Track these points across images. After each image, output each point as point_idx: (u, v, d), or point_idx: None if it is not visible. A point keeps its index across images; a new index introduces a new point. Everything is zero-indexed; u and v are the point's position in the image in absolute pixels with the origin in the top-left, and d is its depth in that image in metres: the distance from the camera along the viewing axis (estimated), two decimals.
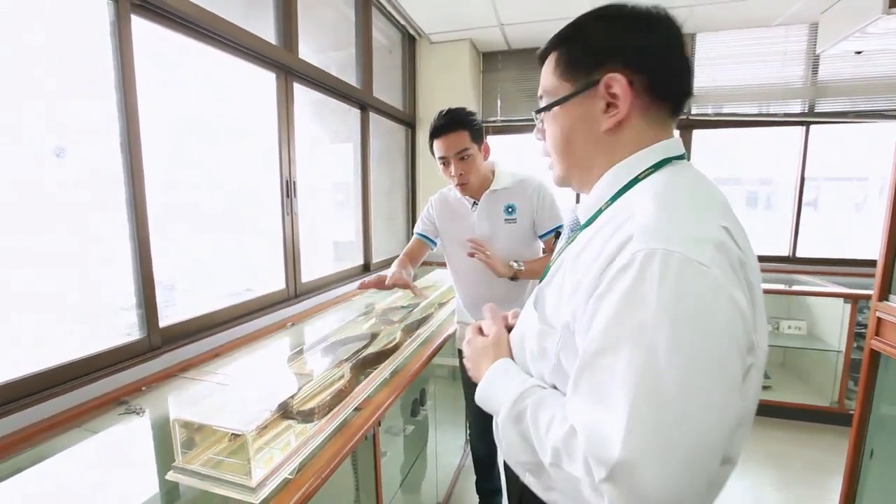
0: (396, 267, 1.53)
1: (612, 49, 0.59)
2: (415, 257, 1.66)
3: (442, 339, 1.77)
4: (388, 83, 2.95)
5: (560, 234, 0.91)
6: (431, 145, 1.48)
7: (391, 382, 1.34)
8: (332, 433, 1.03)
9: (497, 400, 0.63)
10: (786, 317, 2.90)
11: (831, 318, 2.65)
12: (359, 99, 2.49)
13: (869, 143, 3.14)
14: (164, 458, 0.94)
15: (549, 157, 0.70)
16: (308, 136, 2.12)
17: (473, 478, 1.91)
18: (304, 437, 0.98)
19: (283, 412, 1.02)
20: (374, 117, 2.70)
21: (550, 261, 0.70)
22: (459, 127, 1.41)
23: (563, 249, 0.67)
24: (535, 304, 0.67)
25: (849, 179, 3.52)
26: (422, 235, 1.68)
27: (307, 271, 2.08)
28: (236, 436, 0.91)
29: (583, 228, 0.64)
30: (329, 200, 2.55)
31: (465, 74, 3.18)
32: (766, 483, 2.15)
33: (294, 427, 1.01)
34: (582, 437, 0.49)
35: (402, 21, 2.91)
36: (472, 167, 1.45)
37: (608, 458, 0.46)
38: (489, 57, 3.41)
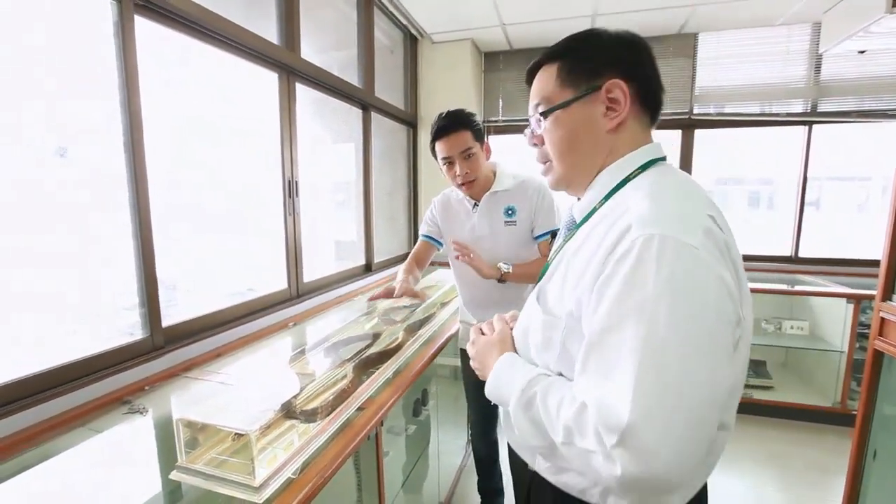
0: (403, 274, 1.56)
1: (611, 60, 0.66)
2: (422, 259, 1.70)
3: (444, 339, 1.77)
4: (389, 83, 2.95)
5: (556, 237, 0.93)
6: (433, 148, 1.49)
7: (393, 382, 1.34)
8: (335, 433, 1.03)
9: (506, 391, 0.66)
10: (788, 317, 2.90)
11: (834, 319, 2.65)
12: (360, 99, 2.49)
13: (871, 142, 3.13)
14: (167, 458, 0.95)
15: (544, 164, 0.75)
16: (310, 135, 2.12)
17: (475, 478, 1.91)
18: (307, 436, 0.98)
19: (287, 412, 1.02)
20: (375, 117, 2.70)
21: (549, 259, 0.74)
22: (462, 127, 1.42)
23: (562, 247, 0.71)
24: (538, 299, 0.70)
25: (851, 179, 3.51)
26: (427, 237, 1.72)
27: (309, 271, 2.08)
28: (240, 435, 0.91)
29: (579, 226, 0.69)
30: (331, 200, 2.55)
31: (466, 74, 3.18)
32: (768, 483, 2.14)
33: (297, 427, 1.01)
34: (592, 409, 0.53)
35: (403, 21, 2.91)
36: (477, 166, 1.46)
37: (618, 424, 0.49)
38: (491, 57, 3.41)
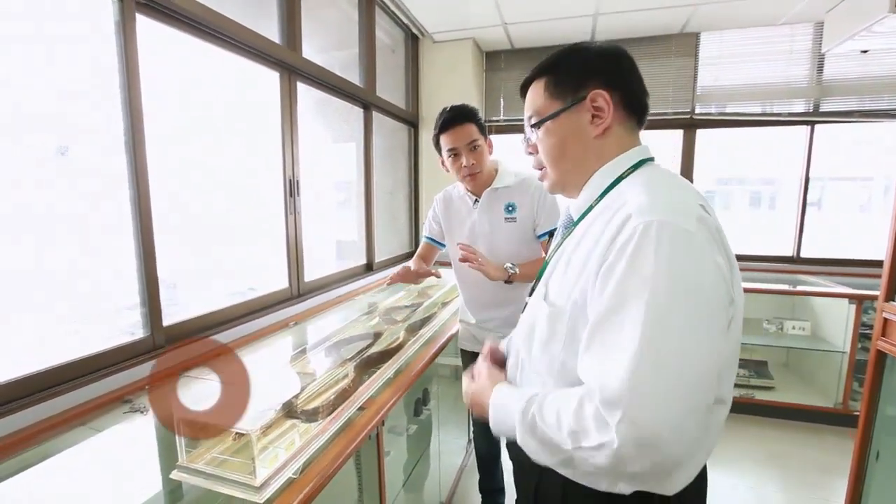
0: (415, 263, 1.61)
1: (594, 72, 0.71)
2: (426, 260, 1.73)
3: (445, 339, 1.76)
4: (391, 82, 2.95)
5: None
6: (437, 142, 1.49)
7: (394, 382, 1.34)
8: (336, 433, 1.03)
9: (509, 421, 0.68)
10: (790, 317, 2.88)
11: (836, 319, 2.64)
12: (362, 98, 2.49)
13: (874, 142, 3.12)
14: (168, 457, 0.95)
15: (539, 170, 0.80)
16: (311, 135, 2.12)
17: (476, 477, 1.90)
18: (308, 436, 0.98)
19: (288, 411, 1.02)
20: (377, 116, 2.70)
21: (548, 257, 0.78)
22: (467, 119, 1.45)
23: (560, 244, 0.75)
24: (542, 295, 0.73)
25: (853, 179, 3.50)
26: (429, 239, 1.74)
27: (310, 270, 2.08)
28: (241, 435, 0.91)
29: (576, 224, 0.73)
30: (332, 200, 2.55)
31: (468, 74, 3.17)
32: (769, 483, 2.14)
33: (298, 426, 1.01)
34: (595, 386, 0.56)
35: (405, 20, 2.91)
36: (482, 158, 1.48)
37: (617, 395, 0.53)
38: (492, 56, 3.41)
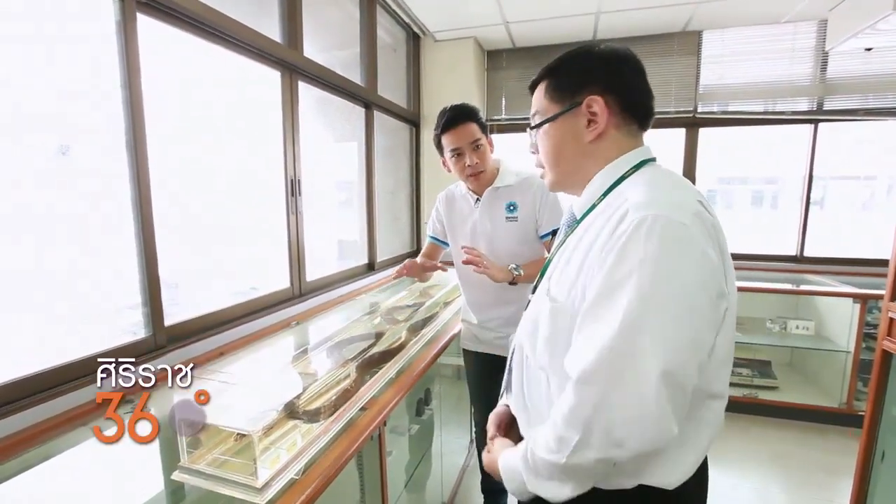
0: (420, 261, 1.65)
1: (592, 77, 0.72)
2: (431, 258, 1.74)
3: (447, 339, 1.76)
4: (392, 82, 2.94)
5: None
6: (438, 142, 1.48)
7: (396, 382, 1.33)
8: (338, 433, 1.03)
9: (518, 479, 0.70)
10: (793, 316, 2.87)
11: (840, 318, 2.62)
12: (363, 97, 2.48)
13: (877, 140, 3.10)
14: (169, 458, 0.94)
15: (542, 168, 0.82)
16: (312, 134, 2.12)
17: (478, 477, 1.90)
18: (309, 437, 0.97)
19: (289, 412, 1.01)
20: (378, 116, 2.69)
21: (551, 254, 0.79)
22: (469, 119, 1.44)
23: (563, 242, 0.76)
24: (545, 292, 0.74)
25: (856, 178, 3.48)
26: (433, 238, 1.74)
27: (312, 270, 2.07)
28: (242, 436, 0.90)
29: (579, 222, 0.74)
30: (333, 199, 2.54)
31: (469, 73, 3.16)
32: (773, 484, 2.13)
33: (300, 427, 1.01)
34: (571, 369, 0.61)
35: (406, 19, 2.90)
36: (485, 157, 1.48)
37: (591, 376, 0.58)
38: (494, 55, 3.40)
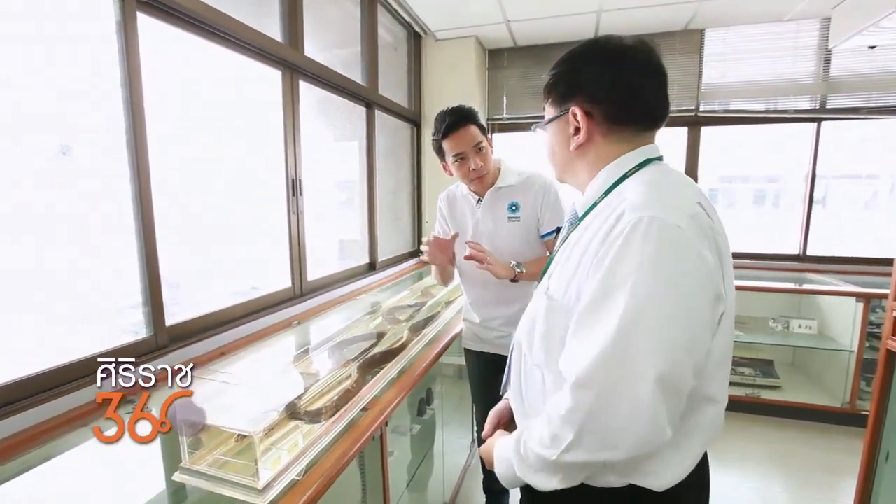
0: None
1: (579, 84, 0.71)
2: None
3: (449, 338, 1.76)
4: (393, 81, 2.94)
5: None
6: (439, 146, 1.46)
7: (398, 382, 1.33)
8: (340, 434, 1.02)
9: (511, 470, 0.71)
10: (796, 316, 2.86)
11: (843, 318, 2.61)
12: (364, 96, 2.48)
13: (879, 139, 3.08)
14: (170, 459, 0.94)
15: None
16: (313, 134, 2.11)
17: (480, 477, 1.90)
18: (311, 437, 0.97)
19: (291, 413, 1.01)
20: (379, 115, 2.68)
21: (554, 251, 0.79)
22: (469, 121, 1.43)
23: (566, 239, 0.76)
24: (545, 290, 0.75)
25: (858, 177, 3.46)
26: None
27: (313, 270, 2.07)
28: (243, 436, 0.90)
29: (581, 220, 0.74)
30: (334, 199, 2.54)
31: (470, 72, 3.15)
32: (775, 484, 2.12)
33: (301, 427, 1.01)
34: (567, 372, 0.61)
35: (407, 18, 2.90)
36: (488, 159, 1.47)
37: (587, 380, 0.58)
38: (495, 54, 3.39)
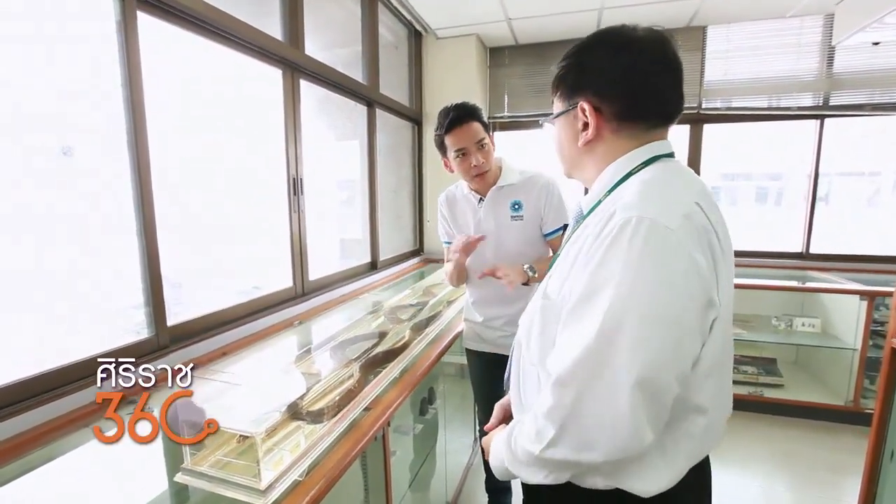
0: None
1: (589, 77, 0.69)
2: None
3: (451, 338, 1.75)
4: (394, 79, 2.93)
5: (566, 231, 0.98)
6: (441, 142, 1.46)
7: (400, 382, 1.33)
8: (342, 434, 1.02)
9: (504, 464, 0.72)
10: (799, 314, 2.85)
11: (846, 316, 2.60)
12: (365, 95, 2.47)
13: (882, 136, 3.06)
14: (172, 459, 0.94)
15: None
16: (314, 133, 2.11)
17: (482, 476, 1.89)
18: (313, 437, 0.97)
19: (293, 413, 1.01)
20: (380, 114, 2.68)
21: (558, 251, 0.79)
22: (472, 117, 1.42)
23: (569, 237, 0.76)
24: (543, 288, 0.75)
25: (860, 174, 3.44)
26: (448, 244, 1.66)
27: (314, 269, 2.07)
28: (245, 437, 0.90)
29: (584, 218, 0.74)
30: (336, 198, 2.53)
31: (471, 70, 3.14)
32: (778, 482, 2.12)
33: (303, 428, 1.00)
34: (551, 370, 0.61)
35: (408, 17, 2.89)
36: (490, 156, 1.45)
37: (568, 379, 0.58)
38: (496, 52, 3.38)
